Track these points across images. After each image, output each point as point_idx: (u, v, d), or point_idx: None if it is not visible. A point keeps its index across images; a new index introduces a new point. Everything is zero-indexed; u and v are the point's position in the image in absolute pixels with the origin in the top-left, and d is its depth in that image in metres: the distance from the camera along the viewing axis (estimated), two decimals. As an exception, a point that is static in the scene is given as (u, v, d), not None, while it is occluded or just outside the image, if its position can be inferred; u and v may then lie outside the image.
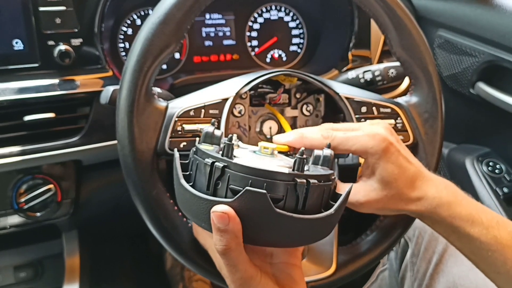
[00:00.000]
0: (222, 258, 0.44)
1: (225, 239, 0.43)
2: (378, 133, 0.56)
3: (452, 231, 0.58)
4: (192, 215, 0.46)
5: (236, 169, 0.43)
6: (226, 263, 0.45)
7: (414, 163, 0.58)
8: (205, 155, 0.46)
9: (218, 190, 0.44)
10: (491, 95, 1.03)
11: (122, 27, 0.92)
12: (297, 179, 0.44)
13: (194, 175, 0.47)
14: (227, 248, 0.43)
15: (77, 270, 0.98)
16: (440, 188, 0.58)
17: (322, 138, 0.57)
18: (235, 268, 0.45)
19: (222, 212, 0.42)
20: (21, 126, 0.76)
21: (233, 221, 0.42)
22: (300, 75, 0.69)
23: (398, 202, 0.58)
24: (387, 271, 0.95)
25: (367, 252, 0.68)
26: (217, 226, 0.42)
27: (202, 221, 0.45)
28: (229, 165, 0.44)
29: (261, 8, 1.02)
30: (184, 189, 0.45)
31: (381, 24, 0.68)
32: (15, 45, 0.76)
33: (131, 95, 0.57)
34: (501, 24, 1.00)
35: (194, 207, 0.45)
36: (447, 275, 0.79)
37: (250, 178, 0.43)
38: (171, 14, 0.57)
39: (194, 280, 1.27)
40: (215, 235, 0.43)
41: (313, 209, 0.45)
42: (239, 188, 0.43)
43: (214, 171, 0.44)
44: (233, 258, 0.44)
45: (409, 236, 0.87)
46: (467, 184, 1.08)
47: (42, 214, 0.84)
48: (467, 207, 0.58)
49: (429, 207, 0.57)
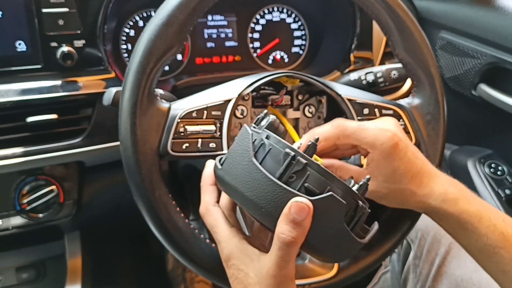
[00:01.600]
0: (281, 250, 0.44)
1: (296, 232, 0.43)
2: (389, 129, 0.57)
3: (460, 228, 0.58)
4: (256, 195, 0.45)
5: (318, 171, 0.44)
6: (281, 256, 0.44)
7: (421, 159, 0.59)
8: (283, 144, 0.46)
9: (291, 183, 0.45)
10: (493, 96, 1.03)
11: (125, 28, 0.93)
12: (359, 202, 0.46)
13: (262, 158, 0.46)
14: (294, 242, 0.43)
15: (79, 271, 0.98)
16: (447, 184, 0.58)
17: (333, 128, 0.57)
18: (286, 264, 0.44)
19: (305, 205, 0.42)
20: (24, 127, 0.76)
21: (309, 217, 0.43)
22: (303, 76, 0.69)
23: (404, 197, 0.58)
24: (389, 273, 0.95)
25: (369, 253, 0.68)
26: (293, 217, 0.42)
27: (267, 205, 0.44)
28: (311, 164, 0.45)
29: (263, 9, 1.02)
30: (256, 168, 0.45)
31: (383, 26, 0.68)
32: (18, 47, 0.76)
33: (133, 96, 0.57)
34: (503, 25, 1.00)
35: (262, 189, 0.44)
36: (450, 277, 0.79)
37: (329, 185, 0.44)
38: (174, 16, 0.57)
39: (196, 281, 1.26)
40: (285, 225, 0.43)
41: (355, 233, 0.47)
42: (315, 189, 0.44)
43: (295, 164, 0.44)
44: (291, 253, 0.44)
45: (411, 238, 0.87)
46: (469, 186, 1.07)
47: (44, 215, 0.84)
48: (474, 204, 0.57)
49: (436, 202, 0.57)
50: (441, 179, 0.59)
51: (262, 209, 0.45)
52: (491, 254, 0.57)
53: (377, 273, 0.98)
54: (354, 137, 0.57)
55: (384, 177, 0.57)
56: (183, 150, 0.60)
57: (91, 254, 1.05)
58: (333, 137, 0.57)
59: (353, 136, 0.57)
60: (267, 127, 0.50)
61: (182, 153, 0.60)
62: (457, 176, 1.13)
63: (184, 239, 0.60)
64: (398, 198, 0.59)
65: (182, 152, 0.60)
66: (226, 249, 0.50)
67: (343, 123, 0.58)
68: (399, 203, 0.60)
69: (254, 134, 0.48)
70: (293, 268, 0.45)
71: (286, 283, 0.45)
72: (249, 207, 0.47)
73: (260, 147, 0.47)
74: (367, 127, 0.57)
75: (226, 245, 0.50)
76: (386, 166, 0.57)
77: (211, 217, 0.52)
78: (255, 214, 0.47)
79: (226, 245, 0.50)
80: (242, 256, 0.48)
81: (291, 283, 0.46)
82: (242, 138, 0.49)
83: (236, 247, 0.49)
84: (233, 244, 0.49)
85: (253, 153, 0.46)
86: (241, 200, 0.47)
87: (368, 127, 0.57)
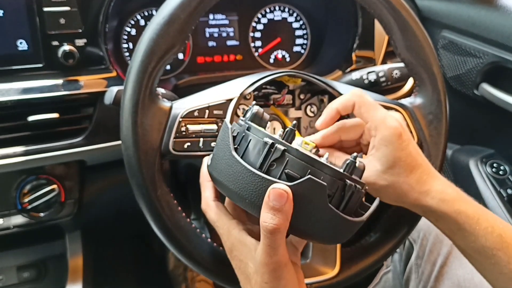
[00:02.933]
0: (266, 238, 0.44)
1: (277, 218, 0.43)
2: (397, 119, 0.58)
3: (457, 229, 0.57)
4: (239, 188, 0.46)
5: (297, 156, 0.44)
6: (268, 244, 0.45)
7: (422, 157, 0.59)
8: (262, 134, 0.46)
9: (272, 171, 0.45)
10: (495, 96, 1.03)
11: (126, 27, 0.93)
12: (347, 180, 0.46)
13: (243, 150, 0.47)
14: (277, 228, 0.43)
15: (80, 271, 0.98)
16: (445, 185, 0.58)
17: (351, 96, 0.58)
18: (274, 251, 0.45)
19: (283, 190, 0.43)
20: (25, 126, 0.76)
21: (289, 202, 0.43)
22: (304, 76, 0.69)
23: (401, 192, 0.58)
24: (391, 273, 0.95)
25: (370, 253, 0.68)
26: (272, 204, 0.43)
27: (250, 196, 0.45)
28: (290, 150, 0.45)
29: (265, 8, 1.02)
30: (236, 161, 0.46)
31: (385, 25, 0.67)
32: (19, 46, 0.76)
33: (135, 95, 0.57)
34: (505, 25, 0.99)
35: (244, 180, 0.45)
36: (452, 277, 0.79)
37: (309, 168, 0.44)
38: (175, 14, 0.57)
39: (197, 280, 1.27)
40: (266, 213, 0.43)
41: (349, 212, 0.47)
42: (296, 174, 0.44)
43: (273, 152, 0.44)
44: (277, 240, 0.44)
45: (413, 238, 0.87)
46: (471, 186, 1.08)
47: (45, 215, 0.84)
48: (472, 205, 0.57)
49: (433, 201, 0.57)
50: (440, 180, 0.58)
51: (246, 200, 0.46)
52: (489, 256, 0.56)
53: (379, 273, 0.98)
54: (367, 109, 0.58)
55: (384, 167, 0.57)
56: (185, 149, 0.60)
57: (92, 253, 1.05)
58: (351, 104, 0.58)
59: (367, 107, 0.58)
60: (250, 119, 0.50)
61: (183, 153, 0.60)
62: (459, 176, 1.13)
63: (185, 238, 0.60)
64: (396, 192, 0.58)
65: (184, 152, 0.60)
66: (227, 241, 0.51)
67: (361, 93, 0.59)
68: (396, 199, 0.59)
69: (236, 127, 0.49)
70: (285, 254, 0.46)
71: (279, 270, 0.46)
72: (236, 200, 0.48)
73: (242, 139, 0.48)
74: (379, 107, 0.58)
75: (227, 238, 0.51)
76: (387, 154, 0.56)
77: (212, 212, 0.53)
78: (242, 205, 0.48)
79: (227, 238, 0.51)
80: (241, 247, 0.49)
81: (285, 268, 0.46)
82: (222, 133, 0.49)
83: (236, 239, 0.50)
84: (233, 236, 0.50)
85: (233, 147, 0.47)
86: (228, 194, 0.48)
87: (381, 108, 0.58)
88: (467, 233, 0.57)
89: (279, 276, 0.46)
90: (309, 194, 0.43)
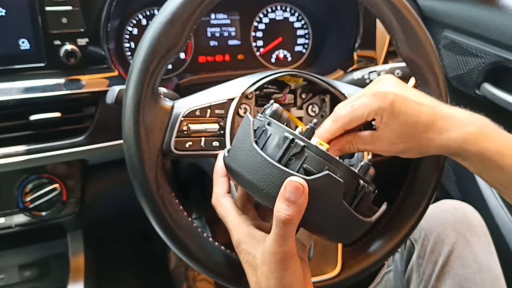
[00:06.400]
0: (278, 227, 0.46)
1: (291, 210, 0.45)
2: (379, 91, 0.56)
3: (482, 166, 0.57)
4: (257, 178, 0.47)
5: (316, 152, 0.46)
6: (279, 234, 0.46)
7: (428, 104, 0.57)
8: (282, 129, 0.48)
9: (290, 165, 0.47)
10: (497, 96, 1.02)
11: (128, 27, 0.93)
12: (361, 181, 0.48)
13: (263, 143, 0.49)
14: (290, 219, 0.45)
15: (82, 270, 0.99)
16: (465, 123, 0.56)
17: (334, 124, 0.57)
18: (284, 241, 0.46)
19: (300, 184, 0.44)
20: (27, 125, 0.76)
21: (304, 196, 0.45)
22: (306, 75, 0.69)
23: (423, 145, 0.57)
24: (392, 273, 0.95)
25: (372, 253, 0.68)
26: (288, 196, 0.44)
27: (267, 186, 0.46)
28: (309, 146, 0.46)
29: (266, 8, 1.02)
30: (256, 153, 0.47)
31: (387, 25, 0.67)
32: (21, 45, 0.76)
33: (137, 94, 0.57)
34: (507, 25, 0.99)
35: (262, 171, 0.47)
36: (453, 277, 0.79)
37: (327, 165, 0.46)
38: (177, 14, 0.57)
39: (198, 280, 1.27)
40: (281, 204, 0.45)
41: (359, 212, 0.48)
42: (314, 170, 0.45)
43: (293, 146, 0.46)
44: (288, 230, 0.46)
45: (415, 237, 0.87)
46: (473, 185, 1.08)
47: (47, 214, 0.84)
48: (497, 141, 0.56)
49: (456, 144, 0.55)
50: (457, 118, 0.56)
51: (263, 191, 0.47)
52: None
53: (380, 273, 0.98)
54: (355, 120, 0.56)
55: (397, 135, 0.56)
56: (187, 148, 0.60)
57: (93, 252, 1.06)
58: (339, 130, 0.57)
59: (354, 120, 0.56)
60: (270, 115, 0.51)
61: (185, 152, 0.60)
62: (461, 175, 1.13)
63: (186, 238, 0.60)
64: (418, 148, 0.57)
65: (185, 151, 0.60)
66: (236, 235, 0.52)
67: (337, 115, 0.57)
68: (422, 152, 0.58)
69: (256, 121, 0.51)
70: (293, 246, 0.47)
71: (286, 260, 0.47)
72: (252, 190, 0.49)
73: (262, 133, 0.49)
74: (359, 103, 0.56)
75: (236, 232, 0.52)
76: (394, 125, 0.56)
77: (222, 207, 0.54)
78: (257, 196, 0.50)
79: (236, 232, 0.52)
80: (250, 241, 0.50)
81: (292, 260, 0.47)
82: (244, 126, 0.51)
83: (245, 233, 0.51)
84: (242, 230, 0.51)
85: (254, 139, 0.49)
86: (245, 184, 0.50)
87: (361, 102, 0.56)
88: (492, 170, 0.56)
89: (286, 266, 0.47)
90: (325, 189, 0.45)
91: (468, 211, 0.87)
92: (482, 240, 0.82)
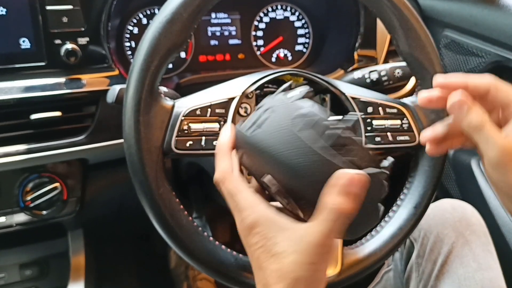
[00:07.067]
0: (332, 221, 0.43)
1: (354, 204, 0.43)
2: None
3: None
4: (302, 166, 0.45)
5: (363, 147, 0.46)
6: (331, 227, 0.43)
7: None
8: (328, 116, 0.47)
9: (335, 156, 0.46)
10: (497, 95, 1.02)
11: (128, 26, 0.93)
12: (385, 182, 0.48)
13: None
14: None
15: (82, 269, 0.99)
16: None
17: (487, 80, 0.55)
18: (334, 235, 0.44)
19: (365, 178, 0.43)
20: (28, 124, 0.76)
21: (365, 190, 0.44)
22: (306, 74, 0.69)
23: None
24: (392, 272, 0.95)
25: (372, 252, 0.68)
26: (352, 189, 0.43)
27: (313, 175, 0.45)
28: (356, 140, 0.46)
29: (267, 7, 1.02)
30: (305, 143, 0.46)
31: (387, 24, 0.67)
32: (22, 44, 0.76)
33: (138, 94, 0.57)
34: (507, 24, 0.99)
35: (311, 161, 0.45)
36: (453, 276, 0.79)
37: (375, 161, 0.46)
38: (178, 13, 0.57)
39: (199, 279, 1.27)
40: (343, 197, 0.43)
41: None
42: (360, 165, 0.46)
43: (340, 138, 0.46)
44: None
45: (414, 237, 0.87)
46: (473, 185, 1.08)
47: (47, 213, 0.84)
48: None
49: None
50: None
51: (303, 178, 0.46)
52: None
53: (380, 272, 0.98)
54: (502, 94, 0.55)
55: None
56: (187, 148, 0.60)
57: (94, 251, 1.06)
58: (485, 87, 0.55)
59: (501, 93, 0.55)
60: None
61: (185, 151, 0.60)
62: (461, 176, 1.13)
63: (187, 237, 0.60)
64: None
65: (186, 150, 0.60)
66: (250, 216, 0.45)
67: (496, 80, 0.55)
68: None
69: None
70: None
71: (328, 254, 0.45)
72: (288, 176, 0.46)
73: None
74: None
75: (250, 213, 0.46)
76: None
77: (231, 184, 0.48)
78: (294, 183, 0.46)
79: (250, 213, 0.46)
80: (270, 224, 0.45)
81: (330, 255, 0.47)
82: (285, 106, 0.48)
83: (263, 214, 0.45)
84: (259, 211, 0.45)
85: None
86: (278, 168, 0.47)
87: None
88: None
89: (327, 259, 0.45)
90: (374, 186, 0.45)
91: (468, 210, 0.87)
92: (482, 239, 0.83)
